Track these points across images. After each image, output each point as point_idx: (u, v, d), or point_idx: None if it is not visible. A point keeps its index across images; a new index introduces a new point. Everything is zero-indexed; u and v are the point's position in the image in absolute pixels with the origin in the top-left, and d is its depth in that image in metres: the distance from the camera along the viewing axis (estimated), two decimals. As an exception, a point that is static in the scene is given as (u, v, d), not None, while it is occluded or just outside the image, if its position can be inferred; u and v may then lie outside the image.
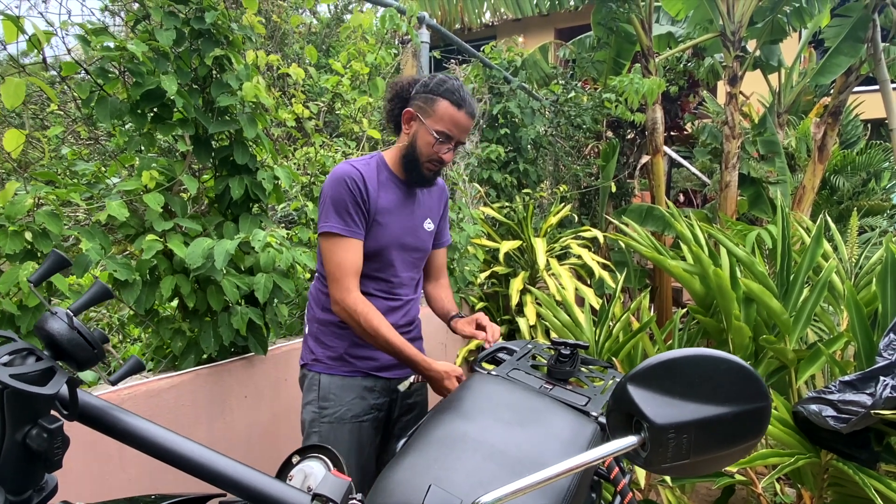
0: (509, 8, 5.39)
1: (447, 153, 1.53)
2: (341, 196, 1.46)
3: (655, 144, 5.24)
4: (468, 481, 0.89)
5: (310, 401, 1.57)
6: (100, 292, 0.63)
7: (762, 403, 0.67)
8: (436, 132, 1.49)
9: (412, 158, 1.54)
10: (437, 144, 1.50)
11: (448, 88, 1.50)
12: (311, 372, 1.58)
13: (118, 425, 0.62)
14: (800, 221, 3.49)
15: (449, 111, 1.49)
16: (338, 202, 1.46)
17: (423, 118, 1.51)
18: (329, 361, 1.57)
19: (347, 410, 1.54)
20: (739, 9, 4.96)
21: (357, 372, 1.57)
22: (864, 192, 7.30)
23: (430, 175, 1.57)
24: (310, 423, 1.55)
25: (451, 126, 1.50)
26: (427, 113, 1.50)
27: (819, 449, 1.81)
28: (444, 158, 1.53)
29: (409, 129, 1.54)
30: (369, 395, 1.58)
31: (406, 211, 1.59)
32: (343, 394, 1.54)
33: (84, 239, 1.52)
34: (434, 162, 1.53)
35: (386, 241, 1.54)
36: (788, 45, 6.02)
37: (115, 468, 1.54)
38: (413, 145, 1.53)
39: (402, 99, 1.57)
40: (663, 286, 5.30)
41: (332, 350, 1.57)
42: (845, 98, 5.53)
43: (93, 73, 1.60)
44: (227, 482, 0.60)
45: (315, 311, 1.61)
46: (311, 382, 1.57)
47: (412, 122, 1.53)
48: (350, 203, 1.46)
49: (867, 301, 2.16)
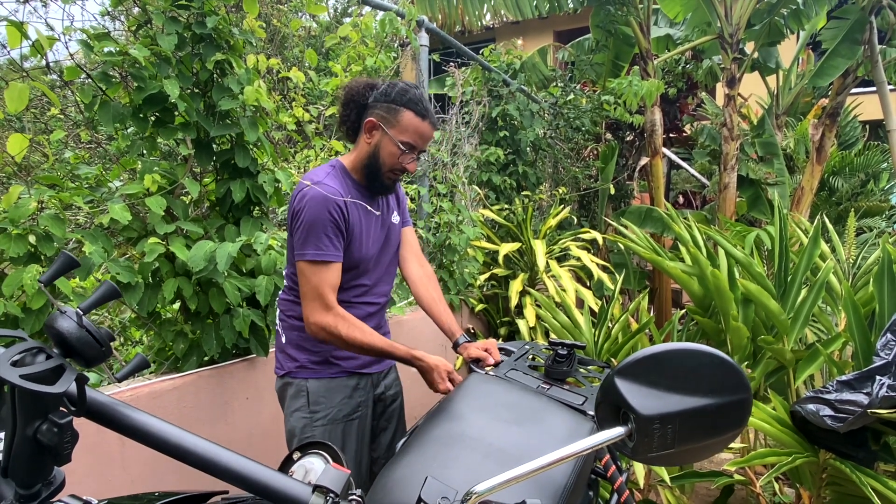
0: (509, 10, 5.41)
1: (411, 163, 1.52)
2: (323, 222, 1.43)
3: (654, 146, 5.25)
4: (466, 478, 0.91)
5: (297, 408, 1.55)
6: (108, 292, 0.64)
7: (743, 395, 0.70)
8: (401, 143, 1.48)
9: (374, 168, 1.52)
10: (402, 155, 1.49)
11: (411, 99, 1.48)
12: (297, 379, 1.56)
13: (124, 421, 0.63)
14: (798, 222, 3.51)
15: (414, 122, 1.48)
16: (317, 227, 1.43)
17: (386, 128, 1.48)
18: (314, 366, 1.56)
19: (339, 411, 1.55)
20: (737, 11, 4.99)
21: (343, 372, 1.57)
22: (863, 193, 7.31)
23: (390, 184, 1.56)
24: (301, 430, 1.54)
25: (416, 137, 1.49)
26: (391, 123, 1.48)
27: (817, 448, 1.83)
28: (409, 168, 1.53)
29: (370, 139, 1.51)
30: (356, 393, 1.59)
31: (375, 215, 1.59)
32: (332, 395, 1.55)
33: (87, 242, 1.54)
34: (397, 171, 1.53)
35: (363, 252, 1.54)
36: (786, 47, 6.05)
37: (116, 468, 1.55)
38: (375, 155, 1.51)
39: (358, 105, 1.54)
40: (662, 287, 5.32)
41: (317, 354, 1.56)
42: (843, 99, 5.55)
43: (95, 77, 1.61)
44: (231, 475, 0.61)
45: (291, 321, 1.58)
46: (298, 389, 1.55)
47: (374, 131, 1.50)
48: (330, 229, 1.44)
49: (864, 301, 2.17)
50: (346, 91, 1.57)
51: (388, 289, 1.68)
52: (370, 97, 1.53)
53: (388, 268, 1.67)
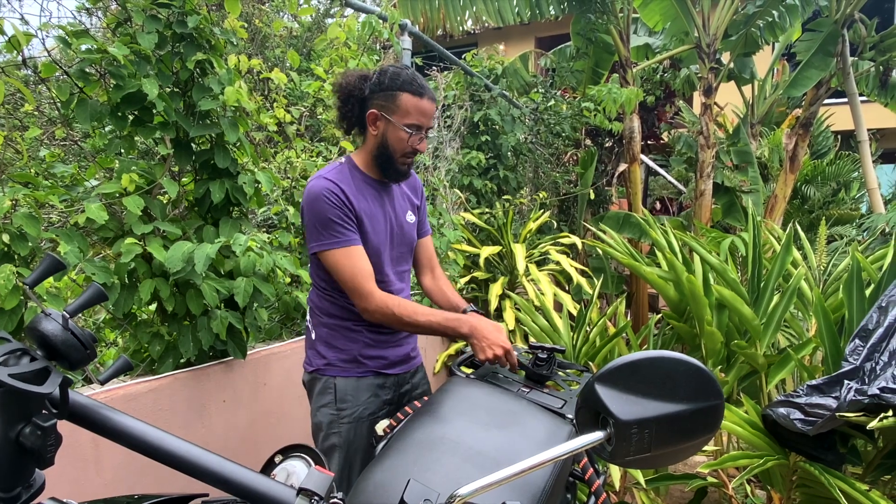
0: (491, 16, 5.44)
1: (420, 143, 1.55)
2: (324, 212, 1.46)
3: (633, 153, 5.33)
4: (446, 482, 0.91)
5: (325, 404, 1.58)
6: (95, 295, 0.64)
7: (716, 401, 0.73)
8: (406, 126, 1.51)
9: (386, 156, 1.55)
10: (410, 138, 1.52)
11: (405, 80, 1.50)
12: (325, 376, 1.59)
13: (106, 423, 0.63)
14: (771, 230, 3.58)
15: (412, 102, 1.50)
16: (323, 219, 1.47)
17: (388, 116, 1.51)
18: (343, 364, 1.59)
19: (365, 409, 1.58)
20: (714, 22, 5.08)
21: (369, 372, 1.61)
22: (834, 201, 7.50)
23: (406, 169, 1.59)
24: (328, 425, 1.57)
25: (418, 116, 1.51)
26: (391, 110, 1.51)
27: (787, 451, 1.87)
28: (419, 148, 1.56)
29: (375, 130, 1.54)
30: (381, 392, 1.63)
31: (386, 209, 1.61)
32: (359, 394, 1.58)
33: (62, 242, 1.51)
34: (409, 154, 1.56)
35: (376, 240, 1.57)
36: (761, 58, 6.18)
37: (90, 471, 1.53)
38: (384, 144, 1.54)
39: (357, 98, 1.56)
40: (639, 292, 5.38)
41: (346, 353, 1.59)
42: (816, 110, 5.69)
43: (73, 74, 1.59)
44: (215, 478, 0.61)
45: (321, 318, 1.62)
46: (326, 386, 1.59)
47: (378, 122, 1.53)
48: (335, 216, 1.47)
49: (834, 308, 2.23)
50: (342, 86, 1.58)
51: (401, 287, 1.69)
52: (366, 89, 1.54)
53: (400, 264, 1.69)
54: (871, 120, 7.28)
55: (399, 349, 1.67)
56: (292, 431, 2.21)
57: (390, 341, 1.64)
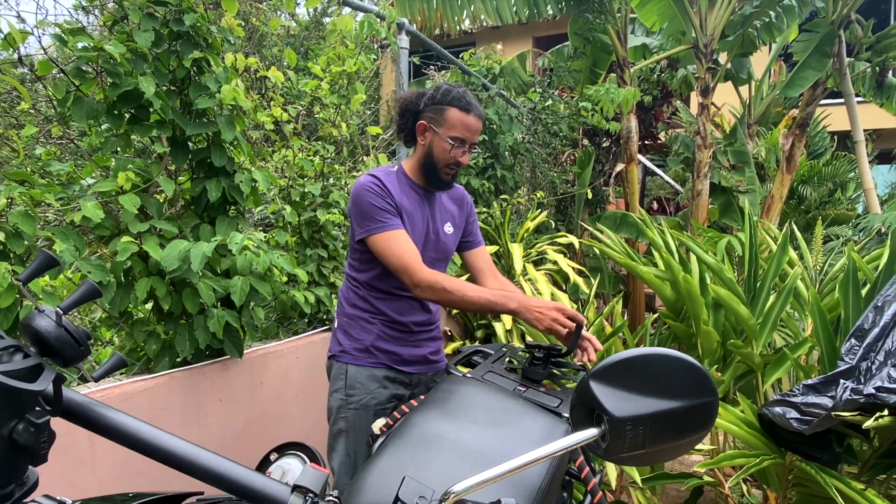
0: (489, 15, 5.43)
1: (463, 156, 1.66)
2: (368, 201, 1.58)
3: (630, 153, 5.33)
4: (442, 480, 0.91)
5: (337, 388, 1.67)
6: (88, 291, 0.63)
7: (710, 398, 0.73)
8: (450, 138, 1.61)
9: (430, 165, 1.66)
10: (454, 149, 1.63)
11: (455, 97, 1.63)
12: (339, 362, 1.69)
13: (101, 421, 0.63)
14: (768, 230, 3.59)
15: (458, 116, 1.61)
16: (367, 207, 1.58)
17: (435, 128, 1.63)
18: (356, 353, 1.67)
19: (372, 398, 1.64)
20: (712, 22, 5.09)
21: (381, 364, 1.68)
22: (831, 201, 7.52)
23: (449, 178, 1.69)
24: (337, 410, 1.66)
25: (463, 130, 1.62)
26: (439, 122, 1.63)
27: (784, 450, 1.87)
28: (461, 161, 1.66)
29: (423, 140, 1.67)
30: (391, 384, 1.68)
31: (425, 214, 1.71)
32: (368, 383, 1.65)
33: (58, 240, 1.50)
34: (451, 166, 1.66)
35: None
36: (759, 58, 6.19)
37: (86, 469, 1.52)
38: (430, 154, 1.66)
39: (412, 112, 1.69)
40: (636, 292, 5.39)
41: (359, 342, 1.67)
42: (812, 110, 5.70)
43: (69, 72, 1.58)
44: (210, 476, 0.61)
45: (344, 307, 1.72)
46: (339, 372, 1.68)
47: (426, 132, 1.66)
48: (378, 204, 1.58)
49: (830, 307, 2.23)
50: (401, 102, 1.74)
51: None
52: (421, 104, 1.68)
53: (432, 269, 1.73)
54: (868, 120, 7.31)
55: (415, 349, 1.72)
56: (289, 430, 2.21)
57: (406, 339, 1.71)
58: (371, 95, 5.26)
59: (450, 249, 1.80)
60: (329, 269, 2.50)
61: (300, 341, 2.28)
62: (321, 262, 2.47)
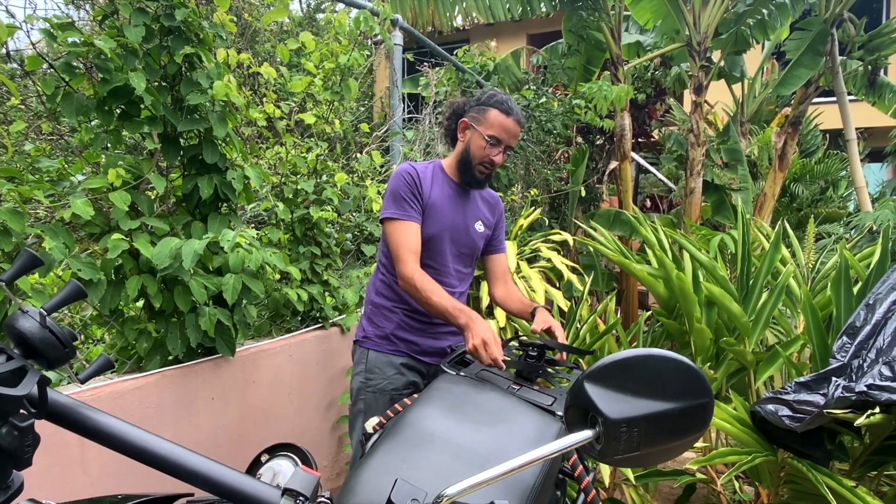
0: (481, 13, 5.41)
1: (497, 155, 1.73)
2: (398, 187, 1.68)
3: (623, 150, 5.33)
4: (435, 480, 0.91)
5: (358, 371, 1.80)
6: (73, 291, 0.62)
7: (705, 399, 0.72)
8: (488, 136, 1.70)
9: (466, 161, 1.75)
10: (489, 147, 1.71)
11: (498, 100, 1.73)
12: (362, 347, 1.80)
13: (87, 423, 0.62)
14: (760, 228, 3.60)
15: (499, 118, 1.71)
16: (395, 192, 1.68)
17: (476, 126, 1.73)
18: (377, 339, 1.78)
19: (389, 383, 1.74)
20: (705, 20, 5.10)
21: (400, 352, 1.77)
22: (822, 199, 7.57)
23: (482, 177, 1.77)
24: (357, 391, 1.78)
25: (500, 131, 1.71)
26: (479, 121, 1.72)
27: (776, 448, 1.88)
28: (496, 160, 1.73)
29: (464, 137, 1.76)
30: (408, 372, 1.78)
31: (457, 208, 1.79)
32: (386, 368, 1.76)
33: (47, 237, 1.49)
34: (486, 164, 1.74)
35: (437, 228, 1.74)
36: (752, 57, 6.21)
37: (76, 470, 1.51)
38: (467, 150, 1.75)
39: (458, 115, 1.79)
40: (629, 289, 5.40)
41: (381, 330, 1.78)
42: (805, 109, 5.72)
43: (58, 67, 1.56)
44: (197, 478, 0.60)
45: (371, 296, 1.84)
46: (361, 356, 1.80)
47: (467, 130, 1.75)
48: (405, 192, 1.67)
49: (822, 305, 2.24)
50: (448, 107, 1.85)
51: (455, 285, 1.82)
52: (467, 107, 1.78)
53: (457, 264, 1.83)
54: (860, 119, 7.35)
55: (434, 341, 1.80)
56: (282, 429, 2.20)
57: (425, 331, 1.79)
58: (364, 92, 5.24)
59: (477, 246, 1.87)
60: (322, 267, 2.49)
61: (293, 339, 2.27)
62: (314, 260, 2.46)
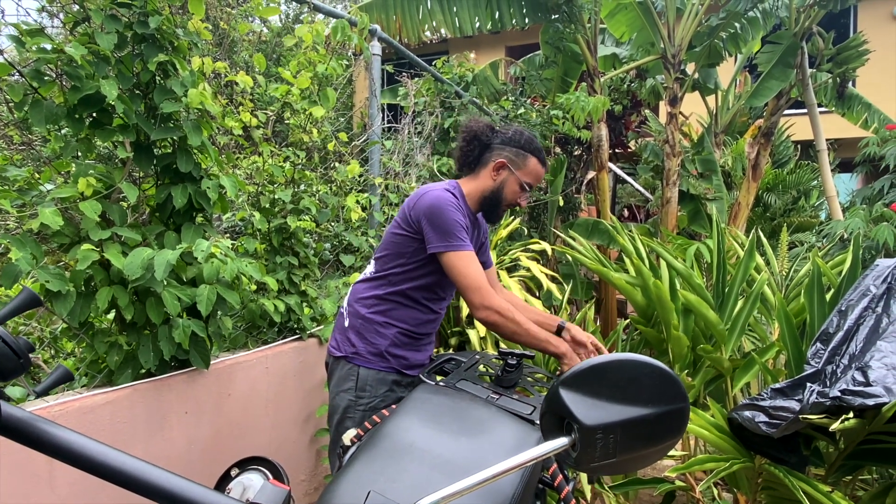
0: (449, 28, 5.41)
1: (524, 199, 1.80)
2: (453, 217, 1.64)
3: (601, 161, 5.39)
4: (413, 491, 0.89)
5: (346, 389, 1.72)
6: (27, 300, 0.60)
7: (681, 404, 0.72)
8: (525, 183, 1.77)
9: (496, 200, 1.78)
10: (521, 193, 1.78)
11: (537, 148, 1.78)
12: (351, 364, 1.73)
13: (44, 438, 0.59)
14: (735, 236, 3.66)
15: (537, 168, 1.79)
16: (451, 223, 1.63)
17: (514, 170, 1.76)
18: (369, 356, 1.72)
19: (381, 401, 1.70)
20: (679, 33, 5.20)
21: (391, 368, 1.73)
22: (795, 209, 7.72)
23: (502, 216, 1.84)
24: (345, 409, 1.71)
25: (535, 179, 1.79)
26: (518, 166, 1.77)
27: (753, 454, 1.89)
28: (521, 204, 1.80)
29: (497, 176, 1.77)
30: (400, 388, 1.75)
31: (472, 237, 1.79)
32: (378, 386, 1.71)
33: (14, 248, 1.45)
34: (512, 206, 1.80)
35: None
36: (725, 69, 6.33)
37: (44, 488, 1.46)
38: (500, 191, 1.77)
39: (482, 143, 1.79)
40: (608, 298, 5.44)
41: (374, 347, 1.72)
42: (777, 120, 5.84)
43: (27, 75, 1.53)
44: (161, 495, 0.57)
45: (360, 310, 1.76)
46: (350, 373, 1.72)
47: (502, 170, 1.77)
48: (461, 222, 1.65)
49: (796, 312, 2.27)
50: (468, 130, 1.82)
51: (444, 306, 1.86)
52: (493, 138, 1.80)
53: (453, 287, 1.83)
54: (830, 130, 7.53)
55: (419, 354, 1.79)
56: (257, 443, 2.16)
57: (413, 345, 1.77)
58: (344, 103, 5.23)
59: None
60: (300, 277, 2.46)
61: (269, 351, 2.24)
62: (292, 270, 2.43)
